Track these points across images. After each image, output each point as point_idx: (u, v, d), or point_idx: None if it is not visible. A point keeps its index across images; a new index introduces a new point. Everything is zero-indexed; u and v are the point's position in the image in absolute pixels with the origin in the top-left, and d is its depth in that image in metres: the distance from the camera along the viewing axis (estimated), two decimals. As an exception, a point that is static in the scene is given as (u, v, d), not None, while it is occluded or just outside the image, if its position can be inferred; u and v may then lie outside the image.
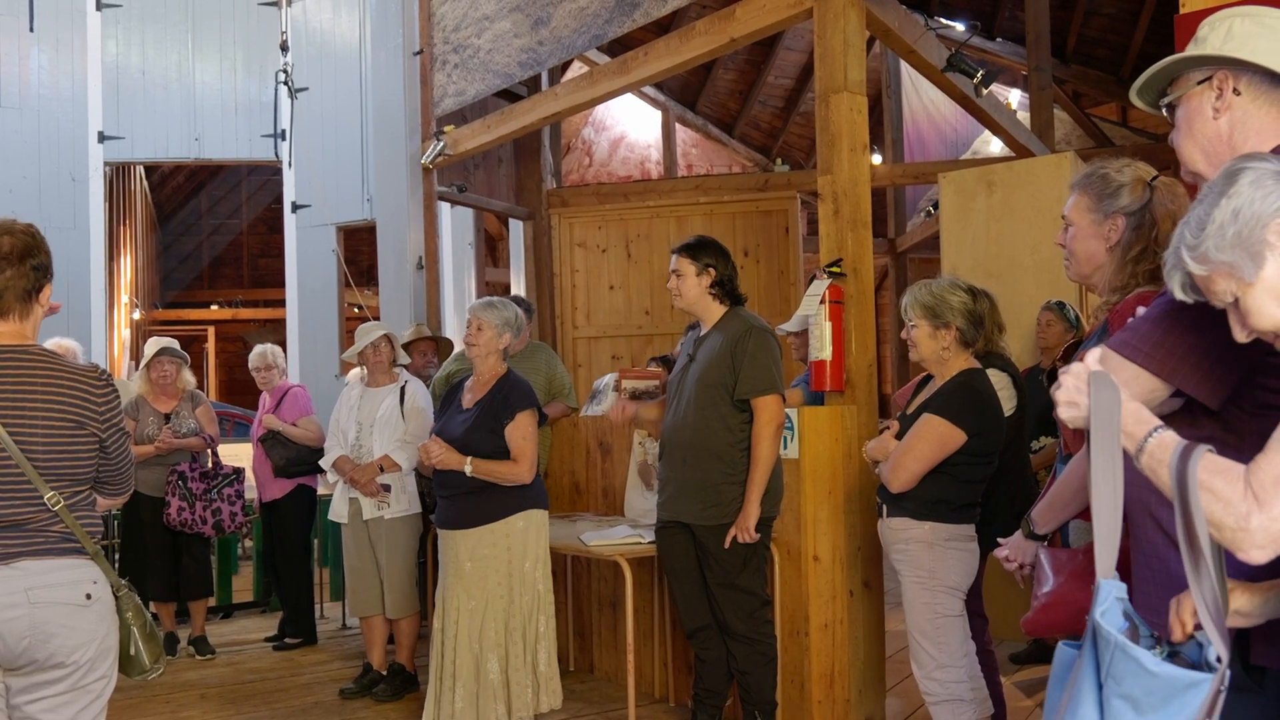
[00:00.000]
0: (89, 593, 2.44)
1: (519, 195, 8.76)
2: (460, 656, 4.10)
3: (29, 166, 9.11)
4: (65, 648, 2.38)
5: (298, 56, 8.65)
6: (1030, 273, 5.83)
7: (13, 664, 2.36)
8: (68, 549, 2.43)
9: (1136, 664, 1.41)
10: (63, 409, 2.45)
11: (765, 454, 3.85)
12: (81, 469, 2.50)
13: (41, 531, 2.40)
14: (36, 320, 2.52)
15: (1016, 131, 7.01)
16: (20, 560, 2.36)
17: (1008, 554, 2.56)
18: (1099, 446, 1.51)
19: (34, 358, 2.47)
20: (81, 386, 2.50)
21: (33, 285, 2.46)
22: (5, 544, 2.36)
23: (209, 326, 16.58)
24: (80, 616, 2.41)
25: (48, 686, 2.39)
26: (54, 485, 2.42)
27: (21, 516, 2.38)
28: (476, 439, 4.16)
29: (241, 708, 5.04)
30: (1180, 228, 1.54)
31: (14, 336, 2.47)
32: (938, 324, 3.39)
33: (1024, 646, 5.50)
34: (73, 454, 2.47)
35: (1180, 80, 1.85)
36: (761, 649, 3.95)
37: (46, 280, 2.51)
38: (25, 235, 2.47)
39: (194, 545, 6.00)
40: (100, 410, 2.52)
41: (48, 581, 2.37)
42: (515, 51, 6.48)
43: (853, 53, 4.43)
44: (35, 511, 2.39)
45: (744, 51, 11.51)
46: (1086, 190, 2.44)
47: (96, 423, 2.51)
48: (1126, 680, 1.42)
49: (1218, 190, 1.49)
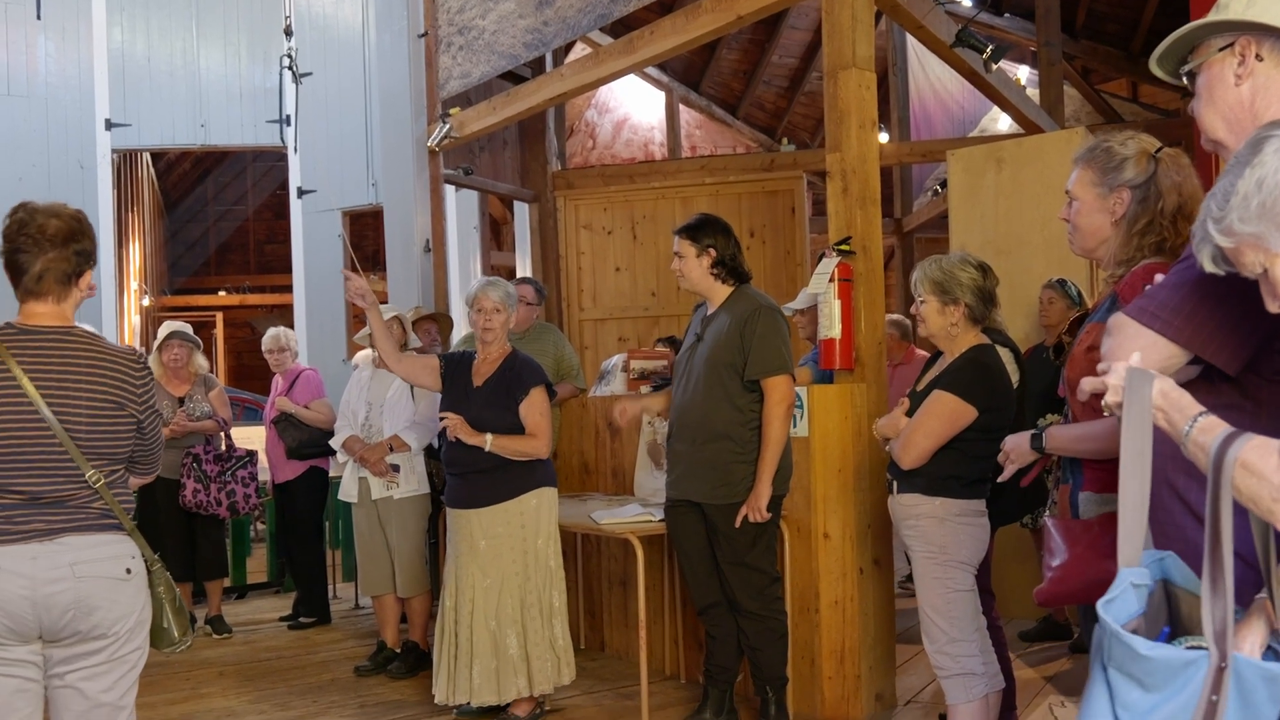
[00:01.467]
0: (128, 567, 2.52)
1: (524, 178, 8.76)
2: (477, 634, 4.13)
3: (38, 154, 9.13)
4: (107, 620, 2.45)
5: (301, 41, 8.63)
6: (1039, 250, 5.82)
7: (55, 636, 2.42)
8: (107, 525, 2.50)
9: (1130, 650, 1.41)
10: (105, 390, 2.50)
11: (776, 434, 3.86)
12: (120, 448, 2.56)
13: (83, 508, 2.46)
14: (75, 303, 2.56)
15: (1026, 108, 6.98)
16: (64, 536, 2.42)
17: (1008, 449, 2.59)
18: (1129, 441, 1.51)
19: (77, 339, 2.52)
20: (122, 369, 2.56)
21: (74, 269, 2.51)
22: (49, 520, 2.42)
23: (217, 313, 16.61)
24: (120, 590, 2.49)
25: (87, 657, 2.46)
26: (94, 464, 2.48)
27: (64, 493, 2.44)
28: (489, 416, 4.18)
29: (259, 685, 5.09)
30: (1207, 200, 1.52)
31: (56, 318, 2.52)
32: (946, 300, 3.39)
33: (1033, 624, 5.52)
34: (113, 434, 2.52)
35: (1201, 47, 1.84)
36: (772, 625, 3.98)
37: (88, 265, 2.55)
38: (72, 220, 2.52)
39: (209, 526, 6.05)
40: (139, 392, 2.58)
41: (90, 556, 2.44)
42: (520, 32, 6.47)
43: (861, 28, 4.41)
44: (77, 488, 2.45)
45: (748, 31, 11.45)
46: (1090, 164, 2.44)
47: (135, 404, 2.57)
48: (1126, 664, 1.43)
49: (1242, 160, 1.47)
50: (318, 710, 4.66)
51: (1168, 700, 1.40)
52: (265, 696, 4.90)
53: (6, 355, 2.42)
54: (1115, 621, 1.45)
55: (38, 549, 2.39)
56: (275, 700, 4.83)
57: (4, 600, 2.35)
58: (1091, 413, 2.40)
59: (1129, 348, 1.73)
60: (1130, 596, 1.51)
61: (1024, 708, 4.22)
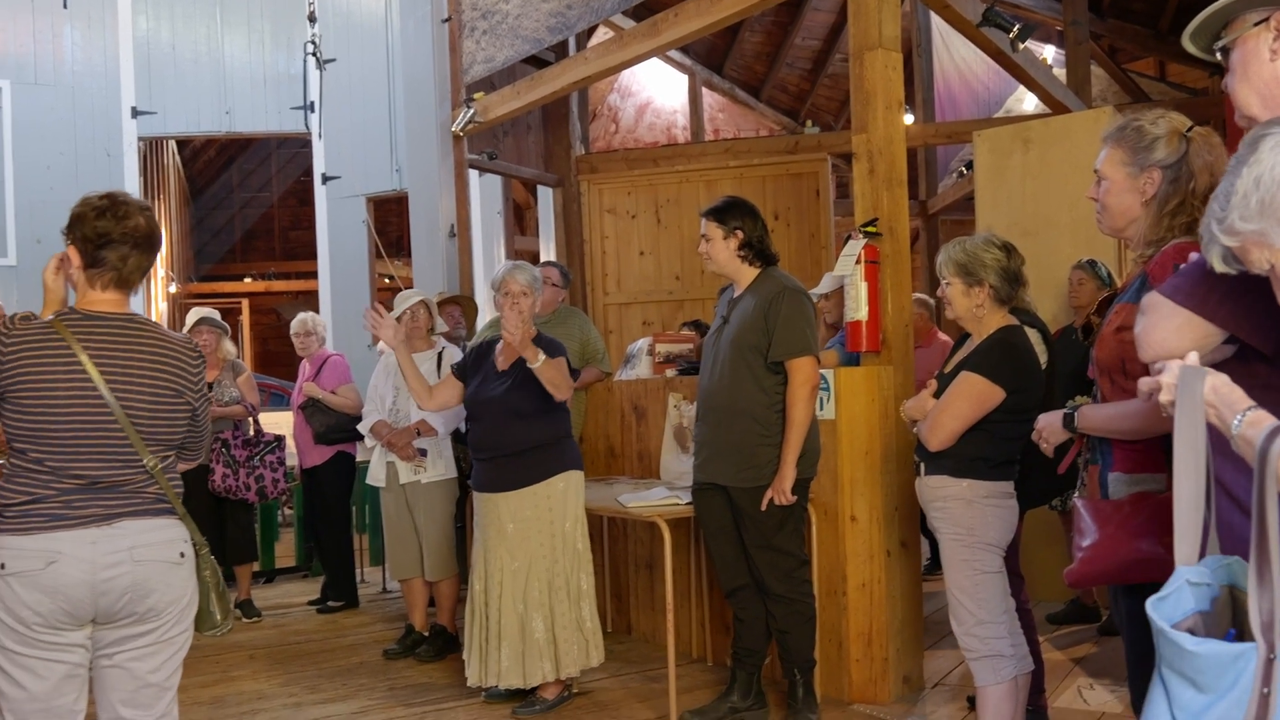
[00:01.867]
0: (182, 551, 2.56)
1: (548, 162, 8.76)
2: (505, 617, 4.16)
3: (65, 143, 9.21)
4: (161, 603, 2.50)
5: (325, 27, 8.66)
6: (1067, 230, 5.77)
7: (111, 618, 2.46)
8: (161, 509, 2.54)
9: (1178, 647, 1.40)
10: (165, 378, 2.55)
11: (800, 416, 3.85)
12: (175, 434, 2.60)
13: (139, 493, 2.50)
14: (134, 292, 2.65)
15: (1053, 87, 6.92)
16: (122, 520, 2.46)
17: (1041, 427, 2.58)
18: (1182, 438, 1.50)
19: (139, 327, 2.57)
20: (180, 357, 2.61)
21: (149, 265, 2.60)
22: (107, 504, 2.45)
23: (243, 299, 16.73)
24: (174, 573, 2.53)
25: (137, 638, 2.50)
26: (152, 449, 2.52)
27: (121, 478, 2.47)
28: (518, 397, 4.18)
29: (289, 667, 5.14)
30: (1211, 201, 1.52)
31: (119, 305, 2.57)
32: (970, 281, 3.37)
33: (1062, 606, 5.50)
34: (170, 420, 2.57)
35: (1236, 22, 1.82)
36: (800, 608, 3.98)
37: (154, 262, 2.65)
38: (152, 219, 2.59)
39: (238, 511, 6.10)
40: (195, 381, 2.63)
41: (147, 540, 2.48)
42: (544, 16, 6.46)
43: (887, 8, 4.38)
44: (134, 473, 2.49)
45: (771, 13, 11.39)
46: (1120, 143, 2.42)
47: (192, 392, 2.62)
48: (1177, 662, 1.41)
49: (1241, 159, 1.46)
50: (347, 693, 4.70)
51: (1220, 698, 1.38)
52: (295, 679, 4.95)
53: (73, 339, 2.44)
54: (1167, 621, 1.43)
55: (97, 533, 2.42)
56: (305, 683, 4.88)
57: (64, 585, 2.37)
58: (1121, 393, 2.38)
59: (1164, 327, 1.72)
60: (1186, 595, 1.49)
61: (1052, 690, 4.21)
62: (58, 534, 2.39)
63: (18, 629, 2.37)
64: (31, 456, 2.42)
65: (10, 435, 2.45)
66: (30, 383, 2.41)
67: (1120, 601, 2.41)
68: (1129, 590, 2.34)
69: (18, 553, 2.37)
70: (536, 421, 4.20)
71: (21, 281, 9.51)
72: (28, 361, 2.42)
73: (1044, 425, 2.57)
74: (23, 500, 2.40)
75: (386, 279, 12.23)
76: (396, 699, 4.59)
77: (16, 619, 2.37)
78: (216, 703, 4.59)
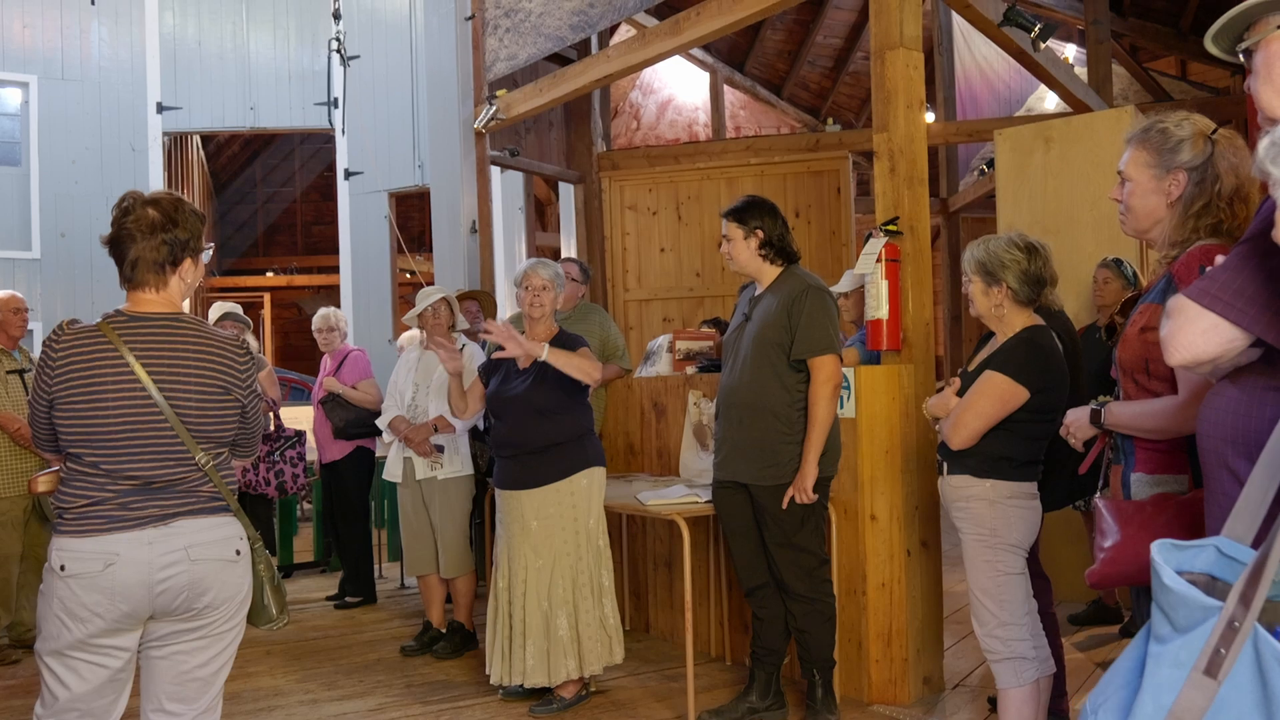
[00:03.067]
0: (238, 549, 2.58)
1: (570, 159, 8.77)
2: (530, 614, 4.16)
3: (91, 137, 9.28)
4: (218, 600, 2.52)
5: (349, 24, 8.70)
6: (1089, 229, 5.75)
7: (167, 615, 2.48)
8: (217, 508, 2.55)
9: (1159, 580, 1.42)
10: (212, 375, 2.55)
11: (823, 414, 3.84)
12: (226, 432, 2.61)
13: (193, 492, 2.51)
14: (181, 291, 2.60)
15: (1074, 86, 6.88)
16: (178, 520, 2.48)
17: (1069, 422, 2.59)
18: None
19: (186, 325, 2.57)
20: (228, 355, 2.61)
21: (166, 258, 2.53)
22: (163, 504, 2.47)
23: (265, 293, 16.81)
24: (231, 571, 2.55)
25: (189, 633, 2.52)
26: (203, 447, 2.53)
27: (175, 477, 2.49)
28: (539, 394, 4.20)
29: (306, 663, 5.17)
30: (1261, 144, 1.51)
31: (164, 305, 2.56)
32: (990, 281, 3.36)
33: (1083, 608, 5.47)
34: (220, 418, 2.57)
35: (1259, 24, 1.81)
36: (820, 607, 3.97)
37: (185, 255, 2.57)
38: (167, 208, 2.54)
39: (257, 506, 6.14)
40: (243, 378, 2.63)
41: (204, 539, 2.50)
42: (566, 14, 6.46)
43: (909, 7, 4.37)
44: (187, 472, 2.50)
45: (792, 11, 11.38)
46: (1145, 145, 2.41)
47: (240, 389, 2.62)
48: (1159, 595, 1.43)
49: None
50: (364, 690, 4.72)
51: (1185, 639, 1.39)
52: (312, 675, 4.97)
53: (119, 342, 2.46)
54: (1168, 564, 1.44)
55: (154, 534, 2.44)
56: (322, 679, 4.90)
57: (124, 586, 2.40)
58: (1144, 393, 2.38)
59: (1190, 330, 1.71)
60: (1208, 554, 1.47)
61: (1074, 692, 4.19)
62: (115, 535, 2.41)
63: (75, 630, 2.40)
64: (87, 460, 2.44)
65: (65, 440, 2.47)
66: (80, 387, 2.43)
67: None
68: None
69: (76, 555, 2.39)
70: (559, 418, 4.21)
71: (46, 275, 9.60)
72: (77, 366, 2.44)
73: (1072, 420, 2.57)
74: (81, 503, 2.42)
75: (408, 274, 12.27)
76: (414, 696, 4.60)
77: (76, 620, 2.39)
78: (233, 698, 4.59)
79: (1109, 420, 2.43)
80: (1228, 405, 1.83)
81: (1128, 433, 2.39)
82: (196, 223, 2.59)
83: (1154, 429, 2.28)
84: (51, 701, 2.44)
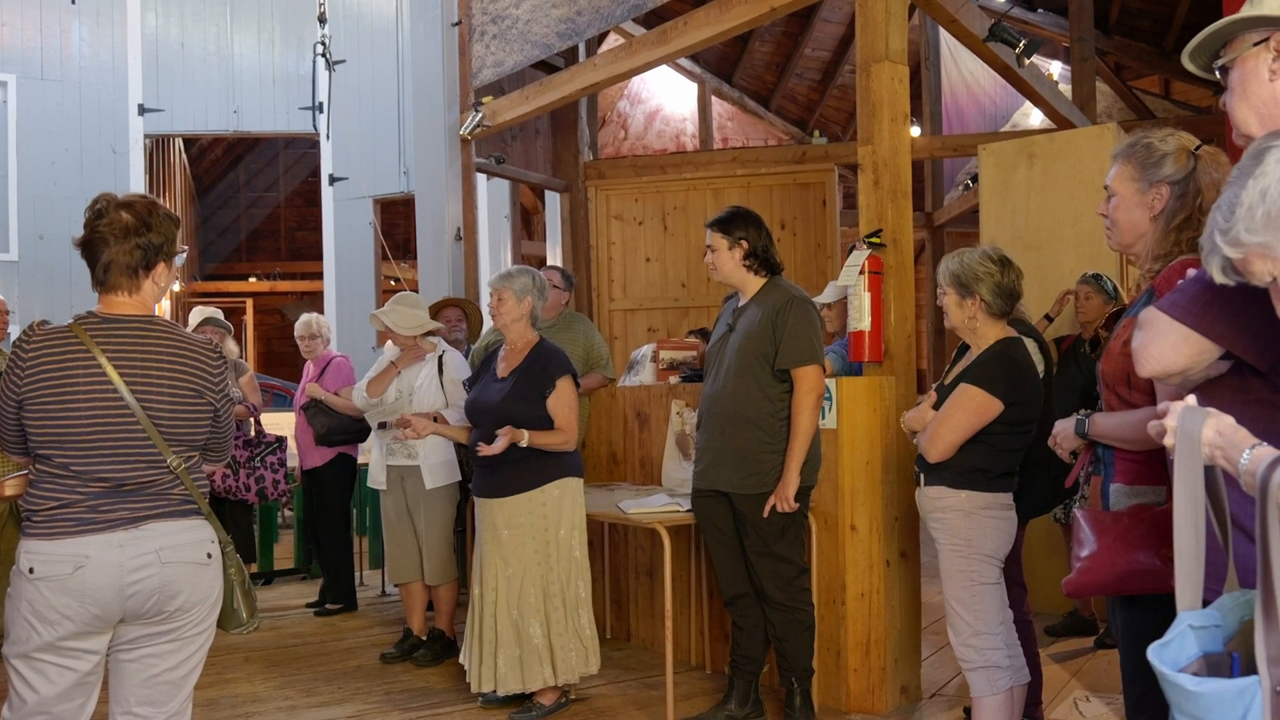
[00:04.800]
0: (209, 552, 2.57)
1: (556, 167, 8.78)
2: (501, 622, 4.16)
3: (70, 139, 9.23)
4: (188, 604, 2.51)
5: (335, 29, 8.69)
6: (1070, 245, 5.79)
7: (137, 619, 2.46)
8: (188, 510, 2.54)
9: (1181, 689, 1.40)
10: (185, 378, 2.54)
11: (805, 424, 3.86)
12: (198, 435, 2.59)
13: (164, 494, 2.50)
14: (150, 294, 2.57)
15: (1058, 103, 6.94)
16: (149, 523, 2.46)
17: (1056, 433, 2.60)
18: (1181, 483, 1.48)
19: (158, 328, 2.55)
20: (200, 357, 2.59)
21: (138, 262, 2.50)
22: (134, 507, 2.45)
23: (247, 299, 16.76)
24: (202, 575, 2.54)
25: (158, 637, 2.51)
26: (175, 450, 2.51)
27: (146, 479, 2.47)
28: (514, 407, 4.20)
29: (285, 670, 5.14)
30: (1213, 212, 1.52)
31: (138, 308, 2.55)
32: (964, 293, 3.40)
33: (1060, 619, 5.50)
34: (192, 421, 2.55)
35: (1235, 41, 1.84)
36: (799, 616, 3.98)
37: (159, 259, 2.54)
38: (141, 211, 2.51)
39: (237, 512, 6.10)
40: (215, 381, 2.62)
41: (175, 542, 2.49)
42: (554, 22, 6.48)
43: (894, 21, 4.40)
44: (159, 474, 2.49)
45: (780, 23, 11.44)
46: (1130, 160, 2.44)
47: (213, 392, 2.60)
48: (1185, 705, 1.40)
49: (1245, 171, 1.46)
50: (343, 696, 4.70)
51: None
52: (290, 682, 4.94)
53: (91, 343, 2.44)
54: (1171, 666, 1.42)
55: (124, 536, 2.42)
56: (300, 686, 4.87)
57: (93, 589, 2.38)
58: (1125, 406, 2.40)
59: (1161, 342, 1.73)
60: (1189, 640, 1.47)
61: (1049, 702, 4.21)
62: (85, 538, 2.39)
63: (44, 634, 2.38)
64: (57, 462, 2.42)
65: (35, 442, 2.45)
66: (51, 388, 2.41)
67: (1118, 613, 2.42)
68: (1127, 602, 2.35)
69: (46, 557, 2.38)
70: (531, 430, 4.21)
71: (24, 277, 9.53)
72: (48, 367, 2.42)
73: (1059, 431, 2.60)
74: (51, 505, 2.41)
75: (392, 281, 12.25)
76: (393, 703, 4.58)
77: (45, 623, 2.37)
78: (210, 705, 4.57)
79: (1093, 431, 2.46)
80: (1198, 417, 1.84)
81: (1110, 443, 2.41)
82: (170, 226, 2.57)
83: (1134, 439, 2.31)
84: (19, 705, 2.42)
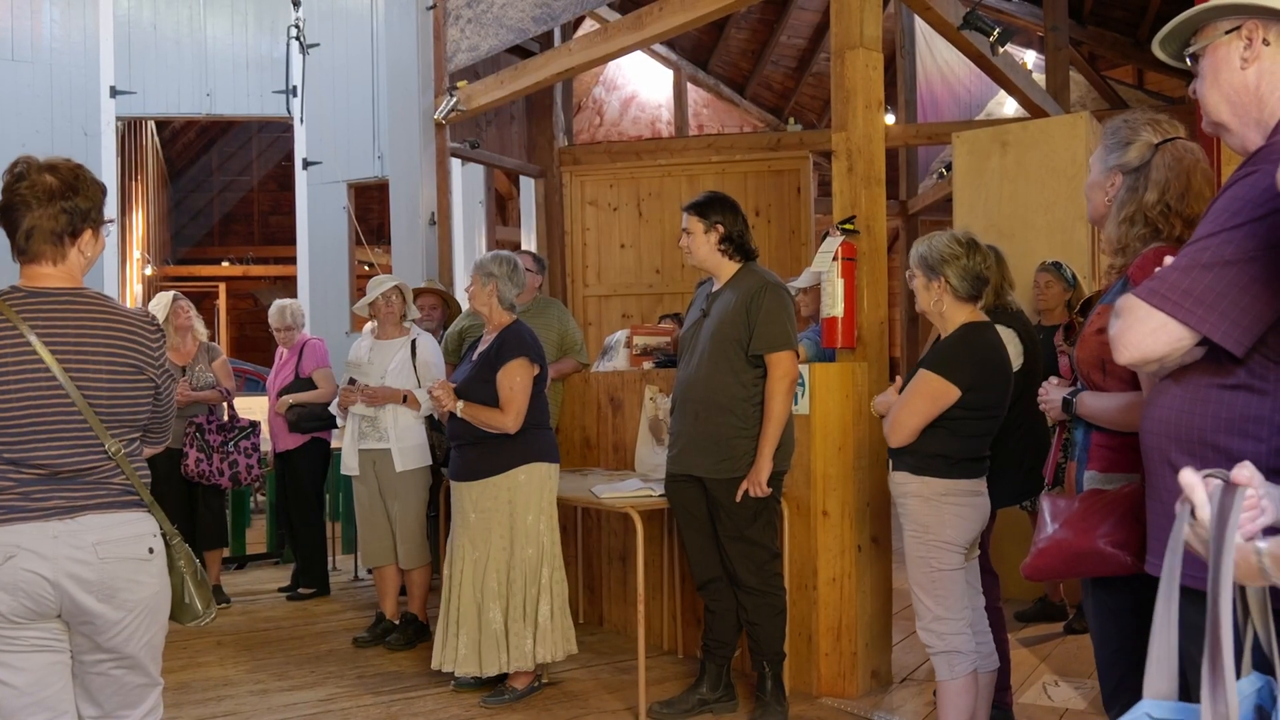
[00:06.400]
0: (151, 546, 2.40)
1: (531, 153, 8.75)
2: (464, 605, 4.19)
3: (41, 120, 9.11)
4: (129, 601, 2.34)
5: (309, 11, 8.60)
6: (1042, 233, 5.82)
7: (76, 617, 2.30)
8: (129, 502, 2.38)
9: None
10: (123, 354, 2.36)
11: (778, 409, 3.87)
12: (139, 416, 2.43)
13: (104, 484, 2.34)
14: (77, 265, 2.39)
15: (1032, 92, 6.98)
16: (85, 514, 2.30)
17: (1045, 392, 2.64)
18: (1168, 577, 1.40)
19: (90, 300, 2.38)
20: (138, 331, 2.42)
21: (64, 228, 2.32)
22: (69, 495, 2.29)
23: (220, 283, 16.63)
24: (143, 570, 2.37)
25: (111, 663, 2.36)
26: (114, 433, 2.35)
27: (83, 466, 2.31)
28: (471, 387, 4.23)
29: (257, 654, 5.13)
30: None
31: (65, 279, 2.37)
32: (931, 276, 3.38)
33: (1031, 605, 5.55)
34: (132, 400, 2.39)
35: (1207, 29, 1.85)
36: (771, 600, 4.00)
37: (85, 225, 2.36)
38: (66, 174, 2.33)
39: (210, 496, 6.07)
40: (155, 356, 2.45)
41: (114, 536, 2.32)
42: (529, 6, 6.45)
43: (869, 8, 4.41)
44: (97, 461, 2.33)
45: (756, 10, 11.43)
46: (1104, 139, 2.47)
47: (153, 368, 2.43)
48: None
49: None
50: (315, 680, 4.69)
51: None
52: (262, 666, 4.93)
53: (18, 319, 2.26)
54: None
55: (59, 527, 2.26)
56: (272, 670, 4.86)
57: (25, 582, 2.22)
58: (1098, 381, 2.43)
59: (1138, 329, 1.75)
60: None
61: (1018, 687, 4.25)
62: (16, 527, 2.23)
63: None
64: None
65: None
66: None
67: (1090, 595, 2.44)
68: (1099, 583, 2.38)
69: None
70: None
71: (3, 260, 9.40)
72: None
73: (1048, 392, 2.63)
74: None
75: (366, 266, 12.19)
76: (365, 687, 4.58)
77: None
78: (182, 688, 4.55)
79: (1080, 409, 2.47)
80: (1172, 403, 1.86)
81: (1095, 423, 2.43)
82: (98, 192, 2.38)
83: (1120, 422, 2.33)
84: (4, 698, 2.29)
